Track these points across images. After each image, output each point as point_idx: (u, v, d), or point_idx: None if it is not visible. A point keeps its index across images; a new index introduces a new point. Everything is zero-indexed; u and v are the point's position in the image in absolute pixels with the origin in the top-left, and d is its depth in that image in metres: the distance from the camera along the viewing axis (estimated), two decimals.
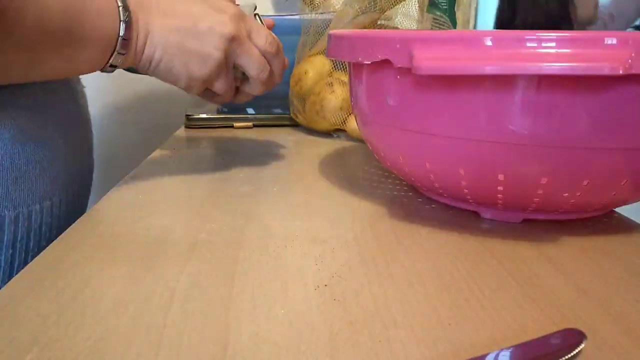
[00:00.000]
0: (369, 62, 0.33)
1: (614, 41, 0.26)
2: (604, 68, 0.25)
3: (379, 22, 0.61)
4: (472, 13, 1.20)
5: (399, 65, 0.30)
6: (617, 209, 0.39)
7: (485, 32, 0.29)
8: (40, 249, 0.41)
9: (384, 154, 0.38)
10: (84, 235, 0.32)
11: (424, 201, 0.40)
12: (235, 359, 0.21)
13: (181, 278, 0.27)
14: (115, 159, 1.16)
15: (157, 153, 0.54)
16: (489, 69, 0.27)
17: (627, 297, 0.26)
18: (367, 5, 0.57)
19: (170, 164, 0.49)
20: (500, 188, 0.32)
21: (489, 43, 0.28)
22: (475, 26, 1.23)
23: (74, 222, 0.35)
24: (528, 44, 0.27)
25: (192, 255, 0.30)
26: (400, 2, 0.59)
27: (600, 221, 0.37)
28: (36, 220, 0.42)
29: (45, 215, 0.43)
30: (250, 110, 0.71)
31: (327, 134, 0.63)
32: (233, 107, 0.77)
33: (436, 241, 0.33)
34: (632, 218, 0.38)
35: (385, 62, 0.31)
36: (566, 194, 0.32)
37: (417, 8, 0.60)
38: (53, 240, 0.32)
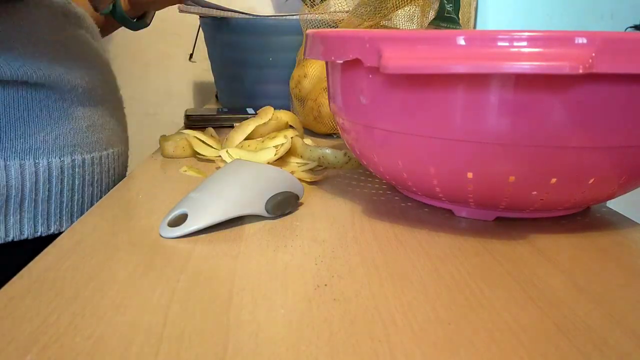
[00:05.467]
0: (342, 62, 0.33)
1: (584, 40, 0.26)
2: (564, 67, 0.25)
3: (381, 23, 0.61)
4: (472, 13, 1.20)
5: (369, 65, 0.31)
6: (619, 209, 0.39)
7: (454, 31, 0.29)
8: (109, 189, 0.55)
9: (359, 152, 0.39)
10: (84, 235, 0.32)
11: (422, 202, 0.40)
12: (235, 359, 0.21)
13: (181, 278, 0.27)
14: None
15: (157, 153, 0.54)
16: (453, 67, 0.27)
17: (627, 297, 0.26)
18: (372, 12, 0.57)
19: (170, 164, 0.49)
20: (470, 187, 0.33)
21: (457, 42, 0.28)
22: (475, 26, 1.24)
23: (127, 170, 0.40)
24: (500, 44, 0.27)
25: (192, 255, 0.30)
26: (403, 7, 0.59)
27: (600, 220, 0.37)
28: (106, 164, 0.54)
29: (111, 160, 0.55)
30: (250, 110, 0.71)
31: (327, 134, 0.63)
32: (233, 107, 0.77)
33: (436, 241, 0.33)
34: (632, 217, 0.38)
35: (357, 62, 0.32)
36: (534, 192, 0.32)
37: (418, 12, 0.60)
38: (117, 182, 0.41)
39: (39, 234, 0.48)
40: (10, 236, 0.47)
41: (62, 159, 0.49)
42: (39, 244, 0.29)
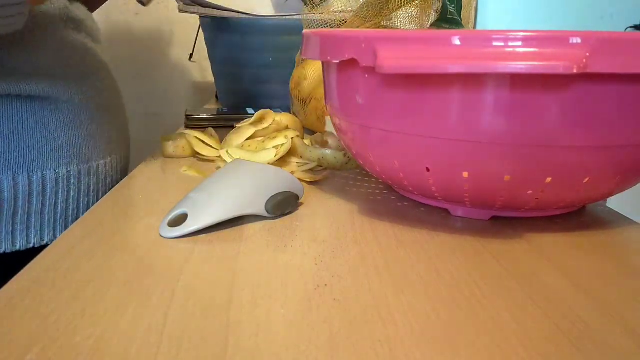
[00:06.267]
0: (338, 62, 0.33)
1: (579, 40, 0.26)
2: (559, 67, 0.25)
3: (381, 24, 0.61)
4: (472, 13, 1.20)
5: (365, 65, 0.31)
6: (618, 208, 0.39)
7: (450, 31, 0.29)
8: None
9: (356, 153, 0.39)
10: (84, 235, 0.32)
11: (419, 201, 0.40)
12: (235, 359, 0.21)
13: (181, 278, 0.27)
14: None
15: (157, 153, 0.54)
16: (449, 67, 0.27)
17: (627, 297, 0.26)
18: (375, 14, 0.57)
19: (170, 164, 0.49)
20: (465, 186, 0.33)
21: (453, 42, 0.28)
22: (475, 26, 1.24)
23: (126, 177, 0.43)
24: (494, 43, 0.27)
25: (192, 255, 0.30)
26: (403, 7, 0.59)
27: (596, 218, 0.37)
28: (103, 173, 0.54)
29: (109, 168, 0.55)
30: (250, 110, 0.71)
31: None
32: (233, 107, 0.77)
33: (435, 241, 0.33)
34: (627, 215, 0.38)
35: (353, 62, 0.32)
36: (530, 192, 0.32)
37: (419, 13, 0.60)
38: None
39: (32, 245, 0.48)
40: (2, 248, 0.47)
41: (57, 171, 0.48)
42: (33, 255, 0.29)
